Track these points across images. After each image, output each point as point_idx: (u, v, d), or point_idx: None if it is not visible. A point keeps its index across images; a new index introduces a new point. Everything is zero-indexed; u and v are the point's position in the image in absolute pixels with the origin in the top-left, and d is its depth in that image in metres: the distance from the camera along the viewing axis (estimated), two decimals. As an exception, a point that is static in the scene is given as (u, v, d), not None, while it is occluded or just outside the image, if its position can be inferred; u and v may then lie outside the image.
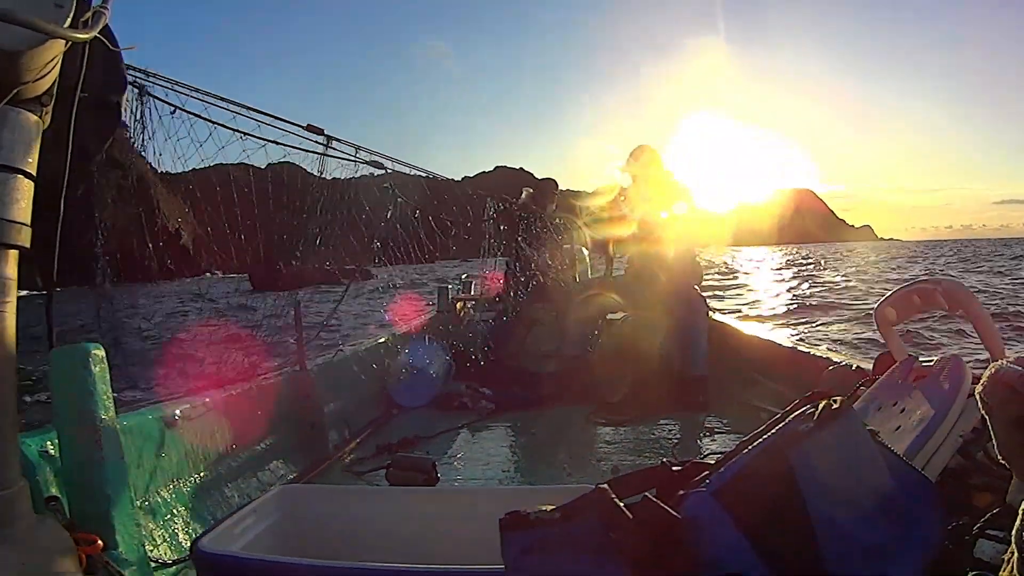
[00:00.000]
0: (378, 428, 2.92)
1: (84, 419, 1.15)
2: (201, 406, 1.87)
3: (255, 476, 2.07)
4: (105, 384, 1.20)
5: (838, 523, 0.85)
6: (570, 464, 2.36)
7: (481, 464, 2.42)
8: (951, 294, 1.55)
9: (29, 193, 0.94)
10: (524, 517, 0.88)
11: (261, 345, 2.51)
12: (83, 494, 1.16)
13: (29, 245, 0.93)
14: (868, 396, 1.66)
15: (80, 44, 0.97)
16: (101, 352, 1.20)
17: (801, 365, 2.66)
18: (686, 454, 2.41)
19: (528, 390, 3.52)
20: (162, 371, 2.87)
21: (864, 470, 0.92)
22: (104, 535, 1.13)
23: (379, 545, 1.42)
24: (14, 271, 0.93)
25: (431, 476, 2.09)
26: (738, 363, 3.44)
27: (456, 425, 2.93)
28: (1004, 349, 1.42)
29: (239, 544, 1.29)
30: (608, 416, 3.02)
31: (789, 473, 0.86)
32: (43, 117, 0.97)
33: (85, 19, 0.93)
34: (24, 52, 0.84)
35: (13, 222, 0.90)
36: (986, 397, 0.82)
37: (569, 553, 0.86)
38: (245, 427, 2.10)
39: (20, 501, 0.95)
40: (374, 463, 2.36)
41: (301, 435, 2.42)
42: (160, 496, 1.64)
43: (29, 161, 0.93)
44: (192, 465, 1.80)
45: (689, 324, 3.38)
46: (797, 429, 0.91)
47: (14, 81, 0.87)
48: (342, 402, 2.85)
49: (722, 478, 0.89)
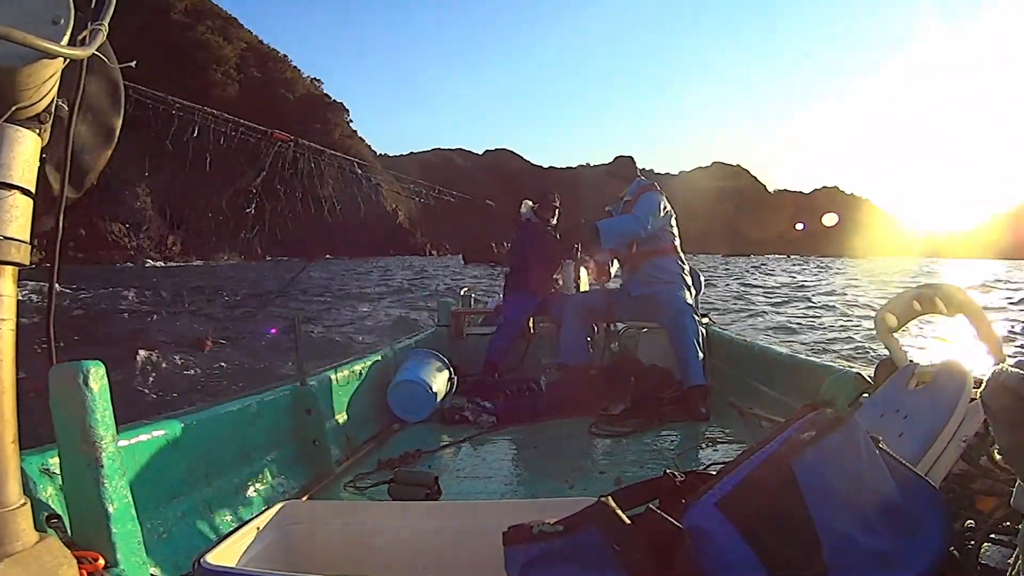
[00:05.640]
0: (380, 443, 2.91)
1: (84, 437, 1.15)
2: (201, 422, 1.86)
3: (257, 492, 2.06)
4: (105, 401, 1.19)
5: (843, 531, 0.84)
6: (572, 476, 2.35)
7: (483, 478, 2.41)
8: (951, 299, 1.56)
9: (28, 211, 0.94)
10: (527, 531, 0.88)
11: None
12: (84, 512, 1.16)
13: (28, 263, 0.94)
14: (870, 403, 1.66)
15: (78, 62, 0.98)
16: (101, 369, 1.20)
17: (802, 373, 2.65)
18: (688, 464, 2.40)
19: (529, 402, 3.51)
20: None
21: (867, 477, 0.91)
22: (105, 553, 1.13)
23: (382, 561, 1.41)
24: (14, 288, 0.93)
25: (433, 491, 2.08)
26: (739, 372, 3.43)
27: (458, 439, 2.92)
28: (1005, 353, 1.42)
29: (241, 560, 1.28)
30: (610, 427, 3.01)
31: (792, 482, 0.86)
32: (41, 135, 0.97)
33: (83, 37, 0.93)
34: (21, 69, 0.85)
35: (12, 240, 0.91)
36: (988, 401, 0.82)
37: (573, 566, 0.85)
38: (246, 443, 2.09)
39: (21, 519, 0.94)
40: (376, 478, 2.35)
41: (303, 450, 2.41)
42: (161, 513, 1.63)
43: (28, 179, 0.94)
44: (193, 481, 1.79)
45: (677, 333, 3.39)
46: (800, 438, 0.91)
47: (12, 99, 0.88)
48: (343, 417, 2.84)
49: (725, 488, 0.89)
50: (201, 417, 1.87)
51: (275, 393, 2.36)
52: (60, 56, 0.88)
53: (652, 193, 3.66)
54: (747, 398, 3.16)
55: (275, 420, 2.29)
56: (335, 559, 1.43)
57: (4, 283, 0.92)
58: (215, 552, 1.21)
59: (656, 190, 3.70)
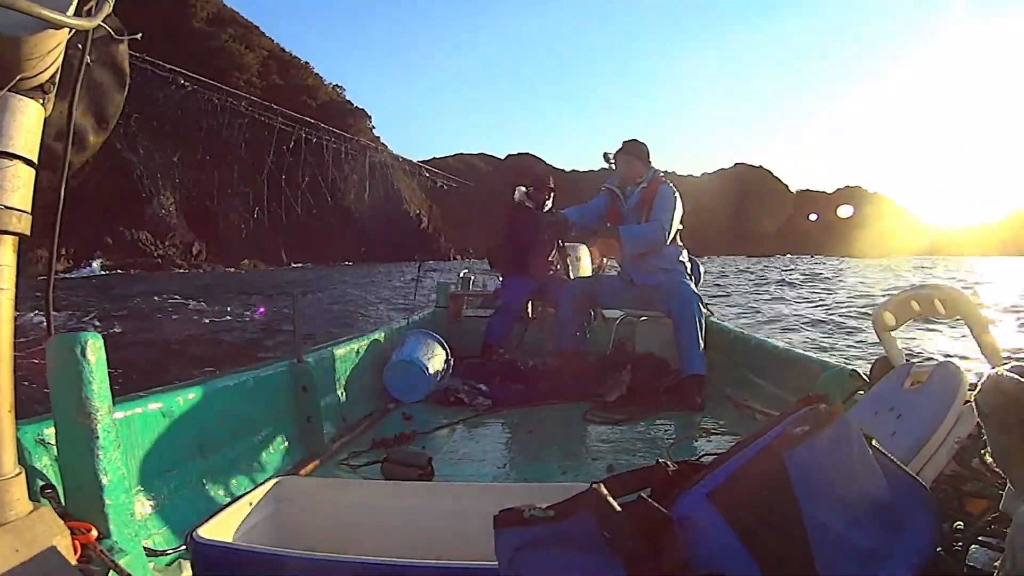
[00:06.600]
0: (374, 422, 2.93)
1: (81, 408, 1.15)
2: (198, 396, 1.86)
3: (251, 467, 2.07)
4: (102, 372, 1.20)
5: (832, 526, 0.85)
6: (565, 462, 2.37)
7: (476, 460, 2.43)
8: (949, 300, 1.55)
9: (30, 180, 0.94)
10: (518, 514, 0.88)
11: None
12: (79, 483, 1.16)
13: (29, 232, 0.93)
14: (865, 401, 1.67)
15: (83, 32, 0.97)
16: (99, 341, 1.20)
17: (799, 368, 2.66)
18: (682, 454, 2.42)
19: (525, 386, 3.53)
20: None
21: (859, 474, 0.92)
22: (99, 524, 1.13)
23: (373, 538, 1.43)
24: (13, 258, 0.93)
25: (426, 471, 2.10)
26: (735, 364, 3.44)
27: (453, 420, 2.93)
28: (1001, 356, 1.42)
29: (234, 535, 1.29)
30: (604, 414, 3.02)
31: (784, 476, 0.86)
32: (45, 104, 0.96)
33: (89, 7, 0.92)
34: (25, 39, 0.84)
35: (13, 209, 0.90)
36: (982, 404, 0.82)
37: (562, 552, 0.86)
38: (241, 418, 2.10)
39: (16, 488, 0.95)
40: (370, 457, 2.36)
41: (297, 427, 2.42)
42: (155, 486, 1.64)
43: (30, 148, 0.93)
44: (188, 455, 1.80)
45: (684, 321, 3.38)
46: (793, 432, 0.91)
47: (16, 68, 0.87)
48: (339, 395, 2.85)
49: (717, 479, 0.89)
50: (197, 391, 1.88)
51: (271, 369, 2.36)
52: (65, 26, 0.87)
53: (667, 187, 3.61)
54: (742, 390, 3.17)
55: (271, 396, 2.30)
56: (327, 536, 1.44)
57: (4, 252, 0.92)
58: (208, 526, 1.22)
59: (668, 183, 3.65)
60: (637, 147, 3.73)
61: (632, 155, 3.69)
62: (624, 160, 3.69)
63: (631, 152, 3.70)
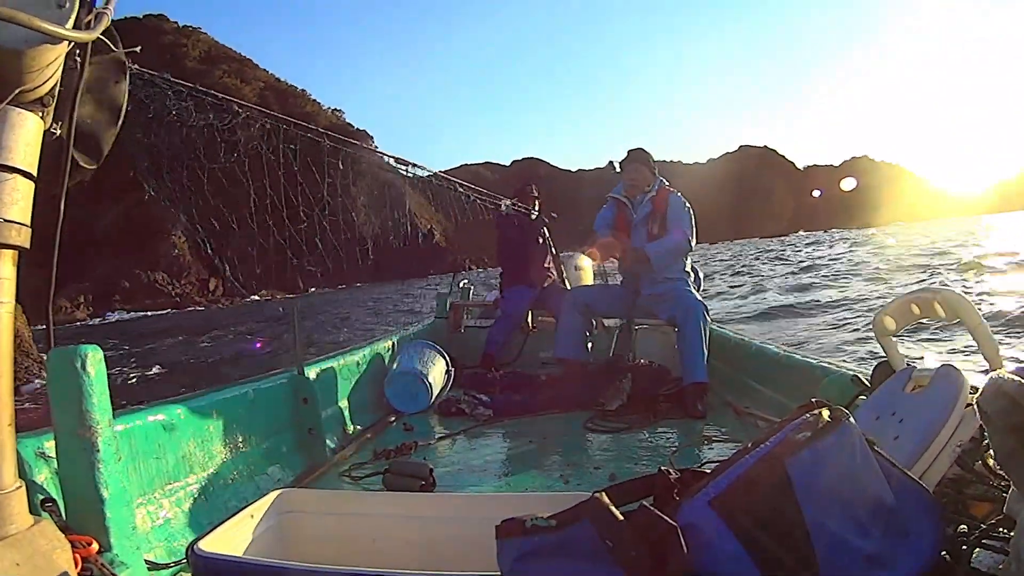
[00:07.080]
0: (376, 433, 2.92)
1: (81, 420, 1.15)
2: (198, 409, 1.86)
3: (252, 480, 2.07)
4: (103, 386, 1.19)
5: (835, 532, 0.85)
6: (567, 471, 2.35)
7: (478, 470, 2.42)
8: (949, 304, 1.55)
9: (29, 194, 0.94)
10: (520, 524, 0.88)
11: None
12: (79, 496, 1.16)
13: (28, 246, 0.93)
14: (867, 405, 1.66)
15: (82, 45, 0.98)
16: (99, 354, 1.20)
17: (800, 374, 2.65)
18: (684, 462, 2.40)
19: (526, 395, 3.52)
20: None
21: (861, 479, 0.91)
22: (100, 537, 1.13)
23: (375, 550, 1.42)
24: (13, 271, 0.93)
25: (428, 482, 2.09)
26: (736, 371, 3.43)
27: (454, 431, 2.92)
28: (1002, 359, 1.42)
29: (235, 548, 1.29)
30: (606, 423, 3.01)
31: (786, 482, 0.86)
32: (44, 118, 0.97)
33: (88, 21, 0.93)
34: (25, 52, 0.84)
35: (12, 222, 0.90)
36: (985, 407, 0.82)
37: (565, 561, 0.85)
38: (242, 430, 2.10)
39: (16, 502, 0.95)
40: (371, 468, 2.35)
41: (299, 439, 2.42)
42: (156, 499, 1.63)
43: (30, 162, 0.93)
44: (189, 468, 1.79)
45: (690, 329, 3.37)
46: (795, 438, 0.91)
47: (15, 81, 0.88)
48: (340, 407, 2.85)
49: (719, 486, 0.89)
50: (198, 403, 1.87)
51: (272, 381, 2.36)
52: (65, 40, 0.88)
53: (677, 196, 3.64)
54: (744, 397, 3.16)
55: (272, 408, 2.29)
56: (329, 548, 1.44)
57: (4, 266, 0.92)
58: (209, 539, 1.21)
59: (676, 192, 3.69)
60: (644, 155, 3.77)
61: (640, 163, 3.73)
62: (633, 168, 3.72)
63: (639, 160, 3.74)
